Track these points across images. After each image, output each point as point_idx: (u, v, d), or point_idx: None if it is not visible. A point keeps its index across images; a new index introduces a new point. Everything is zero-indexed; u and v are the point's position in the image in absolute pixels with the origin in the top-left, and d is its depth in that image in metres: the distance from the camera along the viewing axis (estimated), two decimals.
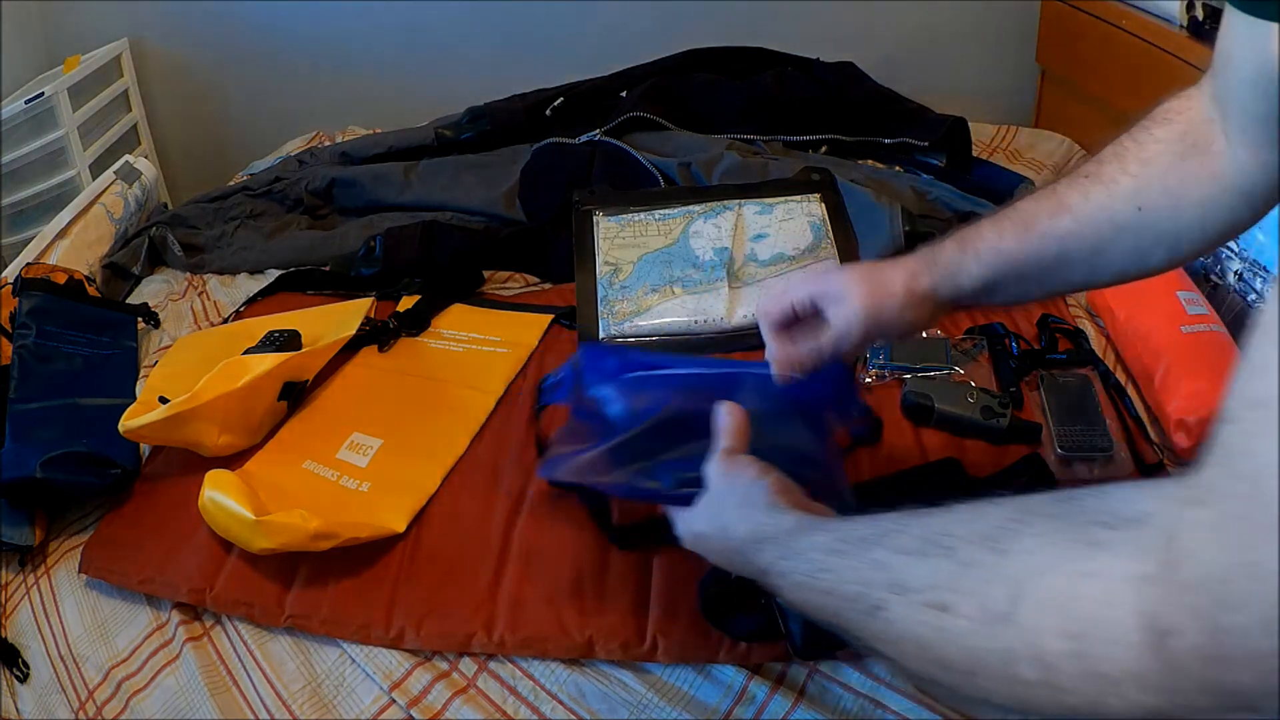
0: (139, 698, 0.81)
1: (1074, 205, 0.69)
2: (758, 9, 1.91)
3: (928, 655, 0.44)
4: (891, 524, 0.50)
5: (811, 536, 0.56)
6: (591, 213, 1.33)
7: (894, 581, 0.47)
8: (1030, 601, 0.39)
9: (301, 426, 1.05)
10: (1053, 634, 0.38)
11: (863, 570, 0.49)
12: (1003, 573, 0.41)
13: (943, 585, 0.44)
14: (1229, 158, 0.63)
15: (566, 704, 0.78)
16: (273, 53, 2.02)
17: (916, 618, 0.44)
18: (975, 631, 0.41)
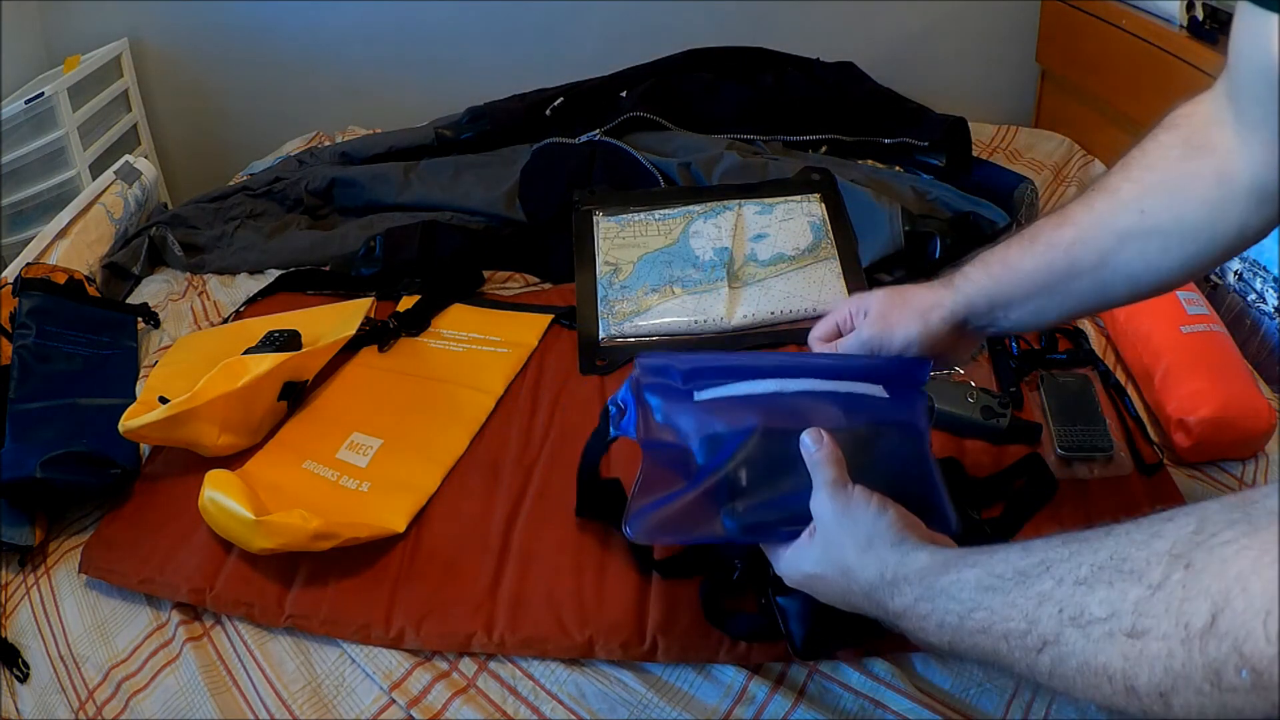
0: (139, 698, 0.81)
1: (1077, 215, 0.69)
2: (758, 9, 1.91)
3: (1114, 685, 0.43)
4: (1053, 552, 0.48)
5: (957, 573, 0.54)
6: (591, 213, 1.33)
7: (1069, 614, 0.45)
8: (1233, 611, 0.39)
9: (301, 426, 1.05)
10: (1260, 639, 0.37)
11: (1026, 606, 0.48)
12: (1199, 588, 0.40)
13: (1131, 610, 0.42)
14: (1240, 156, 0.61)
15: (566, 704, 0.78)
16: (273, 53, 2.02)
17: (1103, 648, 0.43)
18: (1177, 652, 0.40)
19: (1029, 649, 0.47)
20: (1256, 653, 0.37)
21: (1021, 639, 0.47)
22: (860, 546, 0.62)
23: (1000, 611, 0.49)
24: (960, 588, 0.53)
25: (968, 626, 0.52)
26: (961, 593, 0.53)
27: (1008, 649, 0.48)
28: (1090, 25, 1.66)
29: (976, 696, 0.78)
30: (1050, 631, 0.46)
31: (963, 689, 0.78)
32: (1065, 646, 0.45)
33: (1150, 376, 1.02)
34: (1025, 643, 0.47)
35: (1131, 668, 0.42)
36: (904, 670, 0.79)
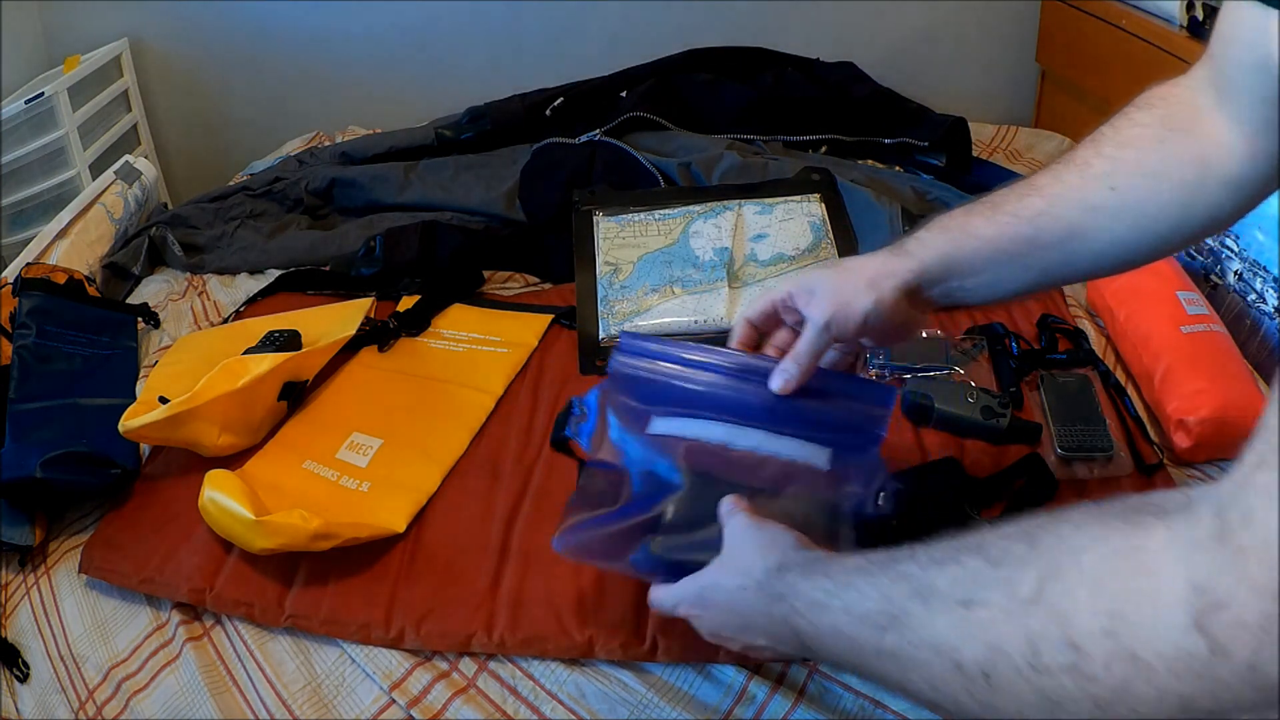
0: (139, 698, 0.81)
1: (1044, 186, 0.68)
2: (758, 9, 1.91)
3: (943, 660, 0.42)
4: (924, 543, 0.48)
5: (841, 561, 0.55)
6: (591, 213, 1.33)
7: (917, 589, 0.45)
8: (1062, 581, 0.38)
9: (301, 426, 1.05)
10: (1085, 612, 0.36)
11: (885, 584, 0.48)
12: (1034, 559, 0.40)
13: (970, 581, 0.42)
14: (1217, 142, 0.61)
15: (566, 704, 0.78)
16: (273, 53, 2.02)
17: (940, 620, 0.43)
18: (999, 621, 0.39)
19: (879, 627, 0.47)
20: (1080, 625, 0.36)
21: (874, 619, 0.47)
22: (761, 547, 0.62)
23: (864, 590, 0.49)
24: (837, 570, 0.54)
25: (832, 606, 0.52)
26: (837, 573, 0.53)
27: (860, 632, 0.49)
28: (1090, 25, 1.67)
29: None
30: (898, 607, 0.46)
31: None
32: (908, 621, 0.45)
33: (1150, 376, 1.02)
34: (877, 621, 0.47)
35: (959, 640, 0.41)
36: None
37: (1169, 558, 0.34)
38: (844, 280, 0.72)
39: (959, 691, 0.42)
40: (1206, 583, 0.33)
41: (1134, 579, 0.35)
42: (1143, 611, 0.34)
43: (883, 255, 0.73)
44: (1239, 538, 0.32)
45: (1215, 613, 0.32)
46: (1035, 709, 0.38)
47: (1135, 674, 0.34)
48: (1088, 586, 0.36)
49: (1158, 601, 0.34)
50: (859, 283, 0.71)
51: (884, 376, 1.06)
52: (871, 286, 0.71)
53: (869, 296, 0.71)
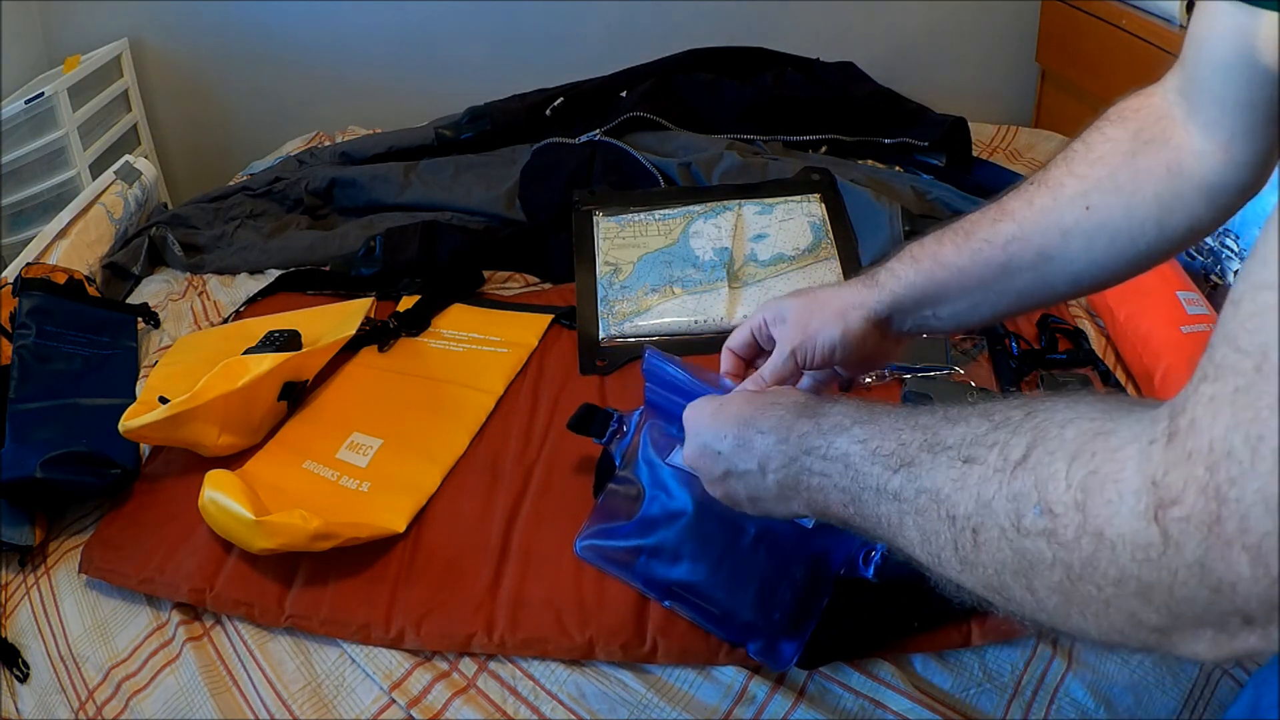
0: (139, 698, 0.81)
1: (1016, 210, 0.66)
2: (758, 9, 1.91)
3: (940, 511, 0.44)
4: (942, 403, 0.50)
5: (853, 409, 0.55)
6: (591, 213, 1.33)
7: (930, 442, 0.47)
8: (1045, 448, 0.40)
9: (301, 426, 1.05)
10: (1061, 481, 0.38)
11: (905, 431, 0.49)
12: (1027, 426, 0.42)
13: (972, 441, 0.44)
14: (1191, 151, 0.60)
15: (566, 704, 0.78)
16: (273, 53, 2.02)
17: (940, 472, 0.45)
18: (990, 479, 0.42)
19: (890, 467, 0.48)
20: (1055, 494, 0.38)
21: (887, 459, 0.49)
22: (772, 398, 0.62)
23: (885, 430, 0.50)
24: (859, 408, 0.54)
25: (854, 432, 0.52)
26: (858, 411, 0.54)
27: (871, 465, 0.50)
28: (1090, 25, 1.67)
29: (976, 697, 0.78)
30: (911, 454, 0.47)
31: (963, 689, 0.78)
32: (915, 468, 0.47)
33: (1150, 376, 1.02)
34: (889, 462, 0.48)
35: (955, 493, 0.43)
36: (904, 670, 0.79)
37: (1132, 450, 0.37)
38: (813, 309, 0.72)
39: (947, 545, 0.44)
40: (1160, 479, 0.35)
41: (1104, 461, 0.37)
42: (1107, 493, 0.36)
43: (853, 285, 0.73)
44: (1186, 441, 0.34)
45: (1167, 508, 0.34)
46: (1013, 570, 0.40)
47: (1100, 550, 0.36)
48: (1065, 458, 0.39)
49: (1121, 487, 0.36)
50: (827, 313, 0.72)
51: (884, 377, 1.06)
52: (839, 317, 0.71)
53: (836, 328, 0.71)
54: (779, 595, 0.75)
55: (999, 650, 0.80)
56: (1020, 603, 0.41)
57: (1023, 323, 1.14)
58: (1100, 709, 0.78)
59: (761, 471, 0.59)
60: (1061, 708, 0.77)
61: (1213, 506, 0.32)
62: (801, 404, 0.60)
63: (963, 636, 0.80)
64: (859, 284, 0.72)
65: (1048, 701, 0.78)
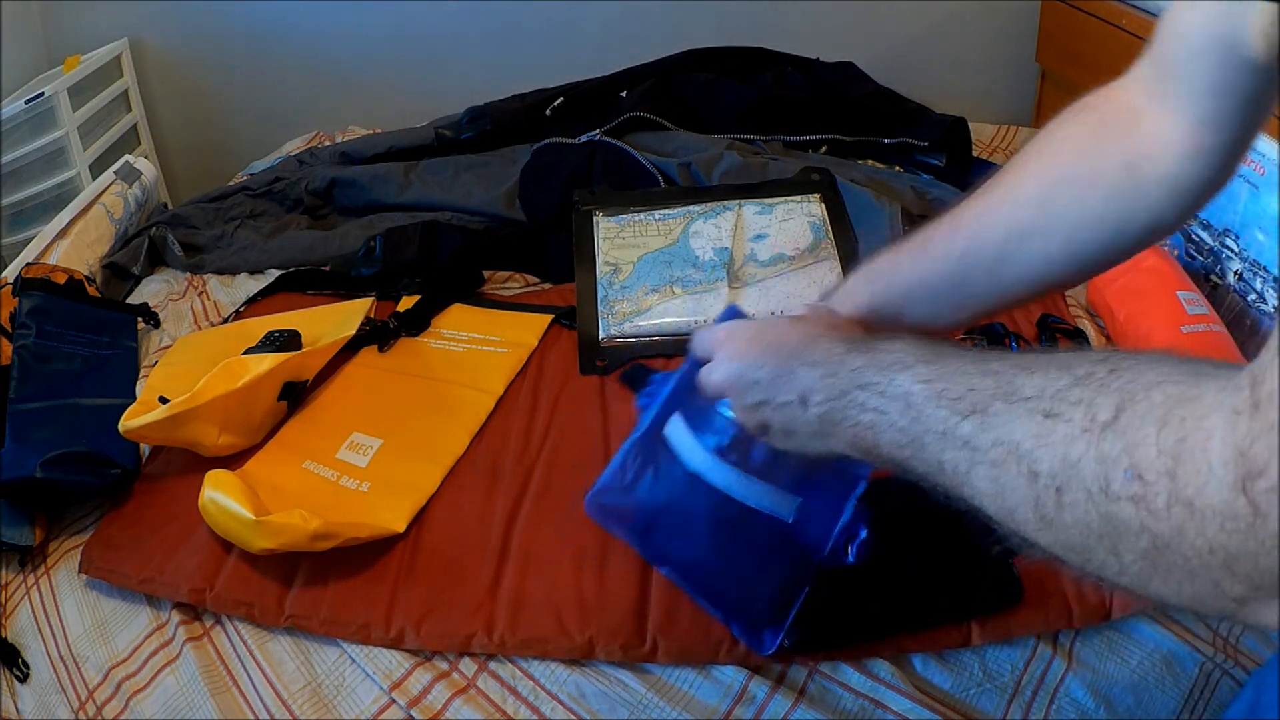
0: (139, 698, 0.81)
1: (971, 216, 0.66)
2: (758, 9, 1.91)
3: (1020, 466, 0.42)
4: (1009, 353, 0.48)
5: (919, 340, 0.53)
6: (591, 213, 1.33)
7: (1004, 389, 0.45)
8: (1134, 411, 0.38)
9: (301, 426, 1.05)
10: (1152, 447, 0.37)
11: (973, 375, 0.47)
12: (1113, 384, 0.40)
13: (1055, 394, 0.42)
14: (1154, 142, 0.59)
15: (566, 704, 0.78)
16: (273, 53, 2.02)
17: (1020, 424, 0.43)
18: (1077, 438, 0.40)
19: (959, 413, 0.46)
20: (1146, 460, 0.37)
21: (955, 401, 0.47)
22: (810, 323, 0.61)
23: (944, 376, 0.48)
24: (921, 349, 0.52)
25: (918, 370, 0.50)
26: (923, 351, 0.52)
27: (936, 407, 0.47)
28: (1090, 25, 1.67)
29: (976, 697, 0.78)
30: (982, 401, 0.45)
31: (963, 689, 0.78)
32: (989, 417, 0.45)
33: None
34: (958, 407, 0.46)
35: (1037, 449, 0.42)
36: (904, 670, 0.79)
37: (1218, 419, 0.36)
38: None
39: (1025, 502, 0.42)
40: (1247, 449, 0.34)
41: (1192, 429, 0.36)
42: (1197, 462, 0.36)
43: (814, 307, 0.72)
44: (1269, 412, 0.34)
45: (1254, 479, 0.33)
46: (1098, 534, 0.39)
47: (1190, 520, 0.35)
48: (1155, 423, 0.38)
49: (1210, 457, 0.35)
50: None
51: None
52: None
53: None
54: (760, 581, 0.75)
55: (999, 650, 0.80)
56: (1101, 566, 0.40)
57: (1023, 323, 1.14)
58: (1100, 709, 0.78)
59: (803, 404, 0.56)
60: (1061, 708, 0.77)
61: None
62: (855, 338, 0.57)
63: (963, 636, 0.80)
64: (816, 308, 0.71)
65: (1048, 701, 0.78)
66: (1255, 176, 1.08)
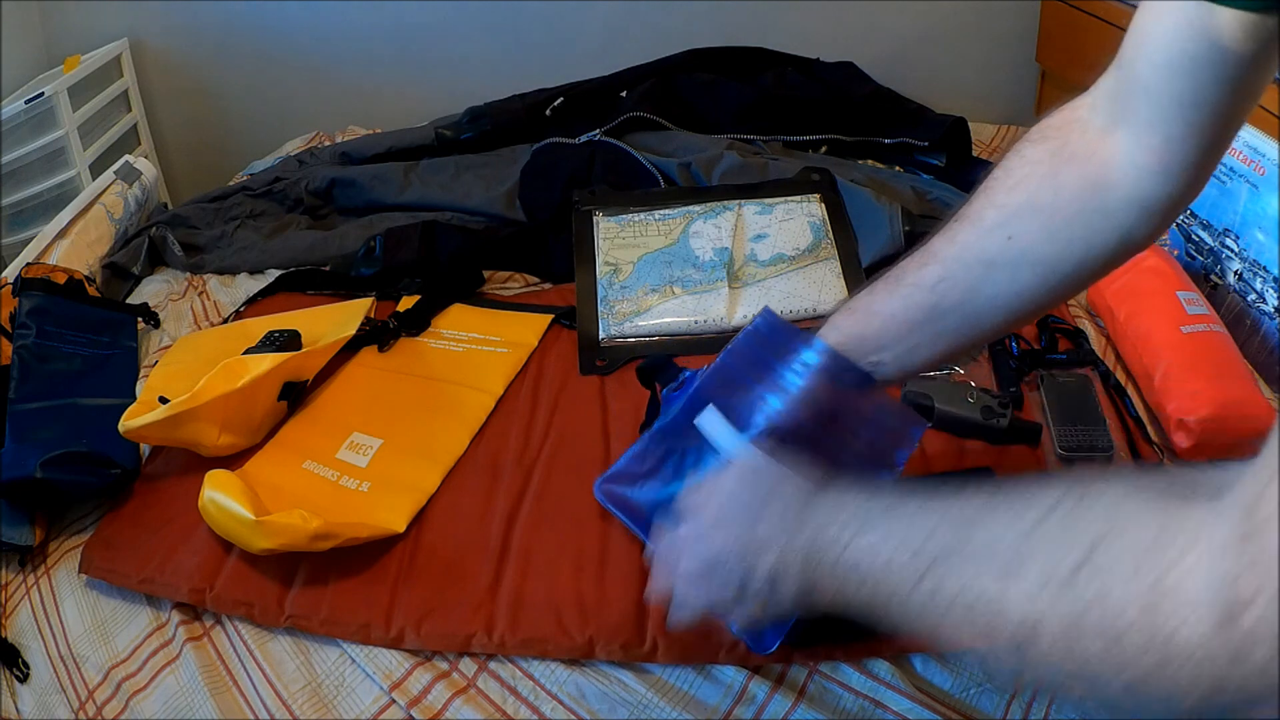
0: (139, 698, 0.81)
1: (940, 250, 0.66)
2: (758, 9, 1.91)
3: (978, 622, 0.42)
4: (951, 493, 0.48)
5: (868, 499, 0.53)
6: (591, 213, 1.33)
7: (957, 541, 0.45)
8: (1100, 564, 0.38)
9: (301, 426, 1.05)
10: (1123, 595, 0.37)
11: (917, 535, 0.47)
12: (1072, 536, 0.40)
13: (1007, 548, 0.42)
14: (1118, 164, 0.59)
15: (566, 704, 0.78)
16: (273, 53, 2.02)
17: (981, 581, 0.43)
18: (1039, 595, 0.40)
19: (915, 571, 0.46)
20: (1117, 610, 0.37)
21: (910, 560, 0.47)
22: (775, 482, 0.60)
23: (898, 532, 0.48)
24: (870, 510, 0.52)
25: (878, 527, 0.50)
26: (870, 514, 0.52)
27: (892, 571, 0.47)
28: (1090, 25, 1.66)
29: (976, 697, 0.78)
30: (939, 558, 0.45)
31: (963, 689, 0.78)
32: (951, 573, 0.44)
33: (1150, 376, 1.02)
34: (913, 564, 0.46)
35: (1003, 604, 0.42)
36: (904, 670, 0.79)
37: (1200, 551, 0.35)
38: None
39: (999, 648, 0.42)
40: (1234, 581, 0.34)
41: (1168, 570, 0.36)
42: (1175, 603, 0.35)
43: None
44: (1264, 542, 0.33)
45: (1242, 610, 0.33)
46: (1074, 675, 0.39)
47: (1167, 660, 0.35)
48: (1124, 575, 0.37)
49: (1190, 595, 0.35)
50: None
51: None
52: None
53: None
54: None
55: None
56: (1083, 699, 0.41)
57: None
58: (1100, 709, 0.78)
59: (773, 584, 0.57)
60: (1062, 708, 0.77)
61: None
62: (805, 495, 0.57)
63: None
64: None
65: (1048, 701, 0.78)
66: (1255, 176, 1.08)
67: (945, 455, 0.96)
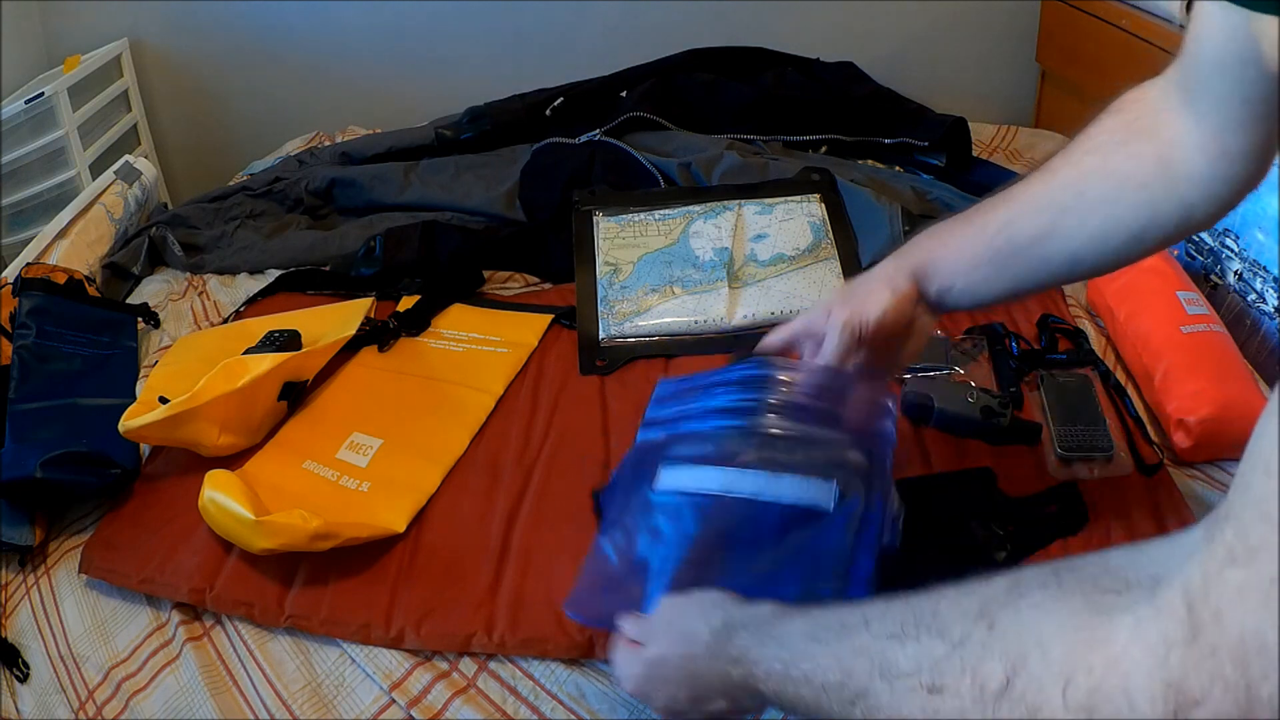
0: (139, 698, 0.81)
1: (1016, 194, 0.71)
2: (758, 9, 1.91)
3: None
4: (873, 609, 0.48)
5: (789, 623, 0.54)
6: (591, 213, 1.33)
7: (879, 667, 0.45)
8: (1030, 675, 0.37)
9: (301, 426, 1.05)
10: (1058, 707, 0.36)
11: (844, 658, 0.47)
12: (998, 647, 0.40)
13: (933, 666, 0.42)
14: (1183, 143, 0.62)
15: (566, 704, 0.78)
16: (273, 53, 2.02)
17: (906, 703, 0.42)
18: (970, 711, 0.39)
19: (845, 700, 0.46)
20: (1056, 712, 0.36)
21: (839, 691, 0.47)
22: (702, 608, 0.62)
23: (822, 662, 0.49)
24: (789, 635, 0.53)
25: (792, 675, 0.51)
26: (790, 640, 0.53)
27: (827, 700, 0.48)
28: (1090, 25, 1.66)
29: None
30: (861, 685, 0.45)
31: None
32: (874, 700, 0.44)
33: (1150, 376, 1.02)
34: (841, 694, 0.46)
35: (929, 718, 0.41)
36: None
37: (1140, 651, 0.34)
38: (857, 286, 0.77)
39: None
40: (1180, 680, 0.33)
41: (1105, 675, 0.35)
42: (1116, 707, 0.34)
43: (884, 261, 0.78)
44: (1210, 636, 0.33)
45: (1191, 710, 0.33)
46: None
47: None
48: (1056, 682, 0.36)
49: (1131, 698, 0.34)
50: (871, 284, 0.76)
51: None
52: (885, 283, 0.75)
53: (884, 291, 0.75)
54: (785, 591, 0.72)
55: None
56: None
57: (1022, 323, 1.14)
58: None
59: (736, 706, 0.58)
60: None
61: (1242, 702, 0.31)
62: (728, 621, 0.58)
63: None
64: (888, 259, 0.77)
65: None
66: None
67: (945, 455, 0.96)
